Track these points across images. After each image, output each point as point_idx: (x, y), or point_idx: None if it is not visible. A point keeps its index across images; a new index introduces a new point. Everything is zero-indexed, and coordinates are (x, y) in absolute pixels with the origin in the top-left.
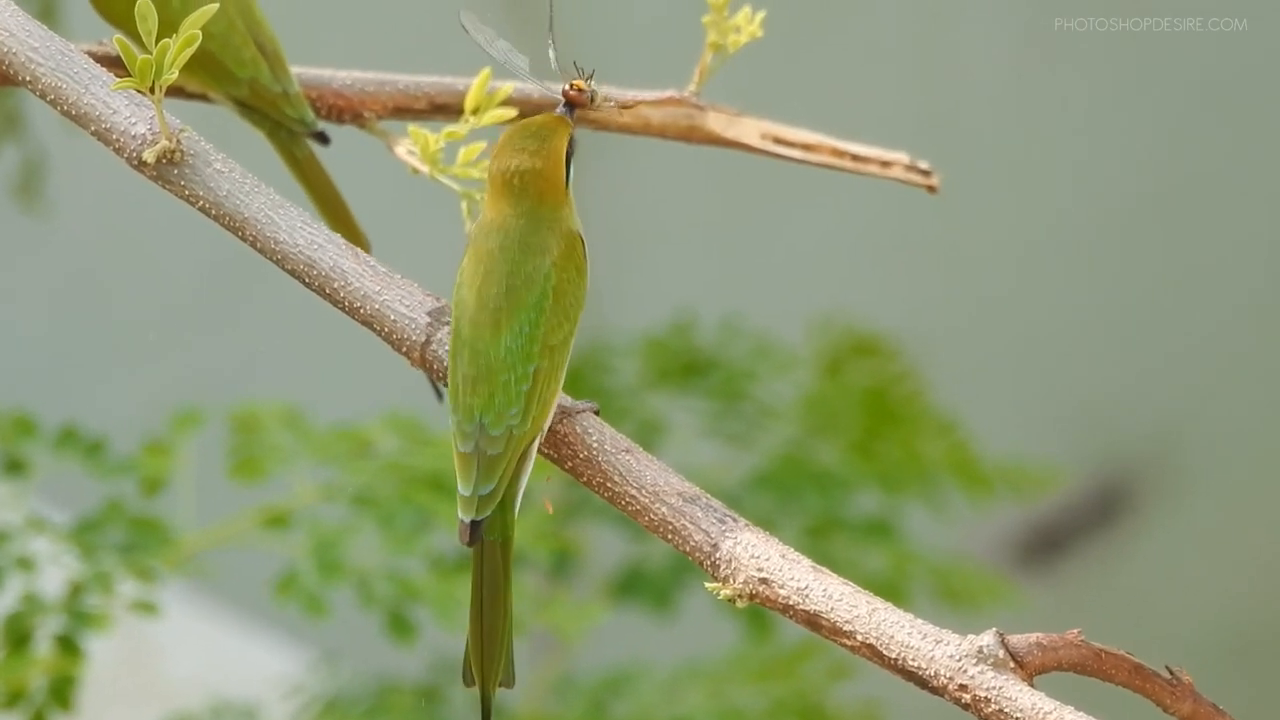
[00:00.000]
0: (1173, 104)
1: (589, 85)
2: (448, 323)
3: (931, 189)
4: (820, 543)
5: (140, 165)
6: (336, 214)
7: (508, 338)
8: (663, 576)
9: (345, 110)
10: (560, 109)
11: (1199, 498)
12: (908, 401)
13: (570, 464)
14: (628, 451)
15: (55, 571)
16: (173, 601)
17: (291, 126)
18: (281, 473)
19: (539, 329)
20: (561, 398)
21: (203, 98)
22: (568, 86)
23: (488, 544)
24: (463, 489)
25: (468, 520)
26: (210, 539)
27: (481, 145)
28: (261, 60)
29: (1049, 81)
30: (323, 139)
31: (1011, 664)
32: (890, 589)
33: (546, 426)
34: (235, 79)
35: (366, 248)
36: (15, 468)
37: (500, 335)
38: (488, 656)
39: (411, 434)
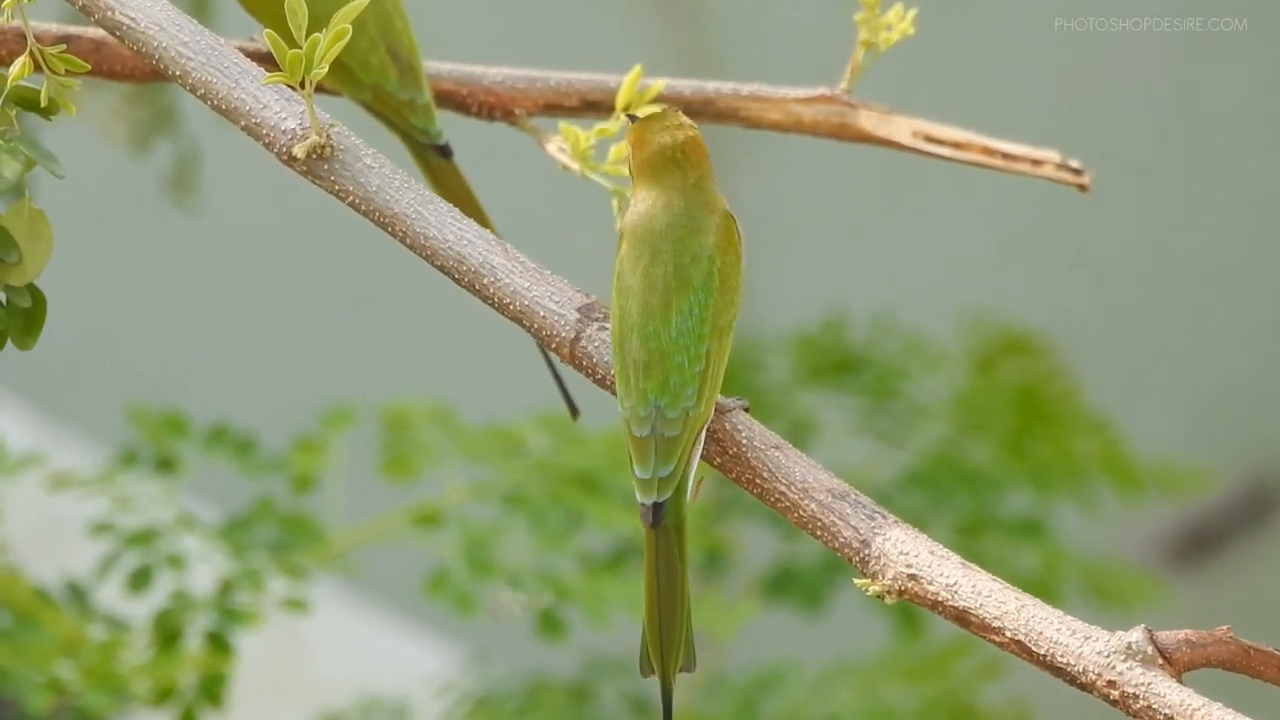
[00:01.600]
0: None
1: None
2: (598, 319)
3: (1083, 188)
4: (971, 541)
5: (290, 160)
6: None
7: (678, 319)
8: (813, 575)
9: (496, 107)
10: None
11: None
12: (1059, 400)
13: (719, 460)
14: (777, 448)
15: (205, 569)
16: (323, 599)
17: (415, 136)
18: (432, 471)
19: (708, 309)
20: None
21: (338, 95)
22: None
23: (664, 528)
24: (641, 472)
25: (649, 503)
26: (360, 537)
27: None
28: (390, 67)
29: (1200, 78)
30: (445, 152)
31: (1160, 660)
32: (1041, 588)
33: (713, 411)
34: (360, 82)
35: None
36: (166, 465)
37: (671, 316)
38: (667, 642)
39: (562, 432)
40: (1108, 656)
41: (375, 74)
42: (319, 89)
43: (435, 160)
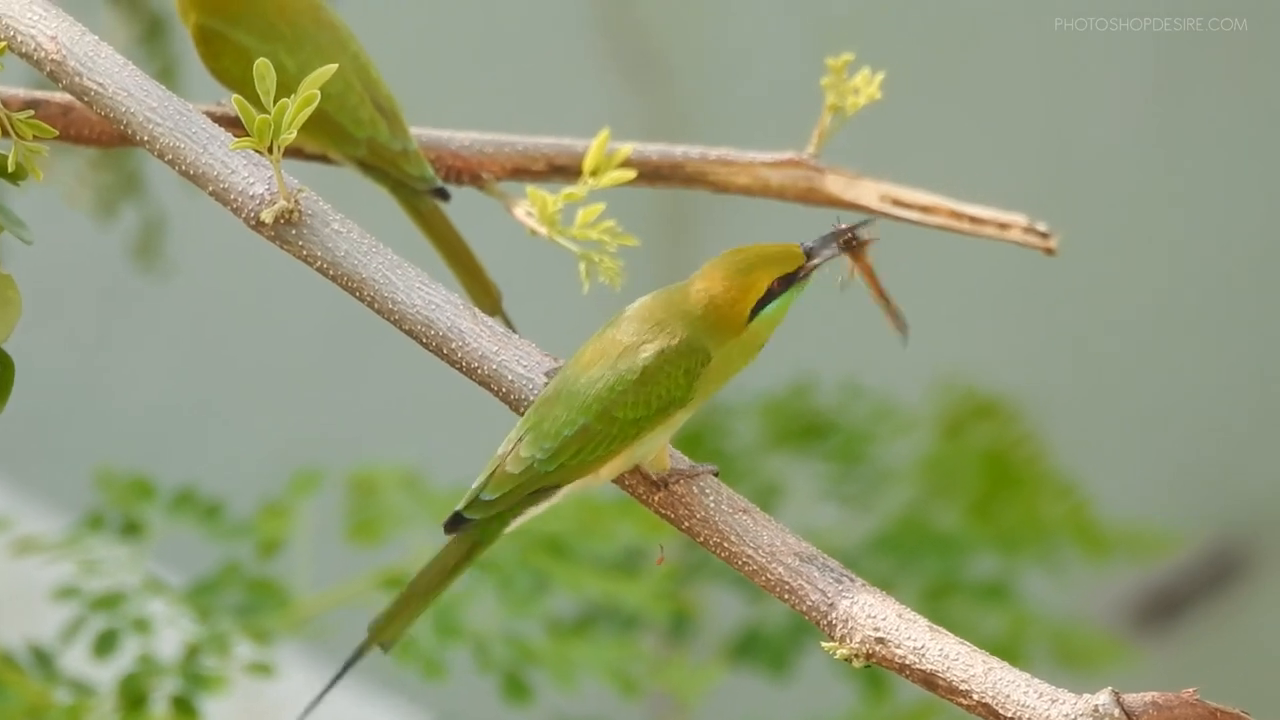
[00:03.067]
0: None
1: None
2: None
3: (1049, 251)
4: (938, 605)
5: (258, 225)
6: (466, 266)
7: (583, 383)
8: (780, 638)
9: (464, 171)
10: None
11: None
12: (1027, 464)
13: (687, 524)
14: (745, 512)
15: (172, 633)
16: (289, 663)
17: (412, 184)
18: (399, 534)
19: (610, 393)
20: (680, 459)
21: (323, 158)
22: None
23: (459, 541)
24: (475, 481)
25: (458, 509)
26: (328, 601)
27: (600, 206)
28: (380, 119)
29: (1173, 138)
30: (443, 195)
31: None
32: (1008, 651)
33: (576, 485)
34: (353, 139)
35: (497, 298)
36: (133, 530)
37: (580, 378)
38: (389, 617)
39: None
40: (1075, 719)
41: (368, 128)
42: (305, 154)
43: (428, 209)
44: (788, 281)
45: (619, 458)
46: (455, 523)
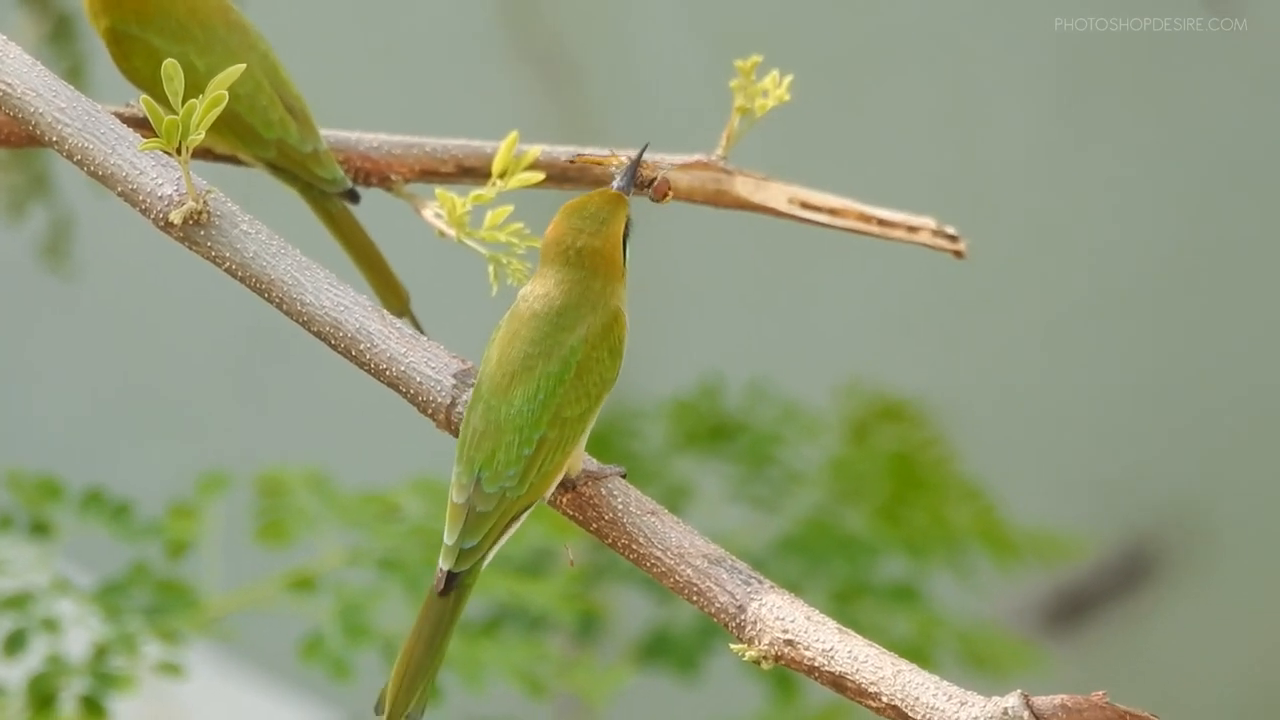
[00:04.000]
0: (1200, 175)
1: (669, 188)
2: (473, 384)
3: (959, 254)
4: (847, 607)
5: (167, 226)
6: (375, 268)
7: (520, 401)
8: (689, 640)
9: (372, 173)
10: (617, 183)
11: (1223, 565)
12: (935, 467)
13: (596, 526)
14: (653, 514)
15: (80, 633)
16: (198, 664)
17: (321, 186)
18: (308, 536)
19: (553, 398)
20: (588, 461)
21: (232, 159)
22: (642, 165)
23: (446, 596)
24: (447, 538)
25: (445, 569)
26: (236, 602)
27: (509, 208)
28: (290, 120)
29: (1078, 146)
30: (353, 197)
31: None
32: (916, 654)
33: (546, 496)
34: (263, 140)
35: (405, 300)
36: (41, 530)
37: (512, 398)
38: (405, 691)
39: (438, 497)
40: None
41: (278, 129)
42: (214, 154)
43: (338, 210)
44: (629, 221)
45: (570, 459)
46: (450, 583)
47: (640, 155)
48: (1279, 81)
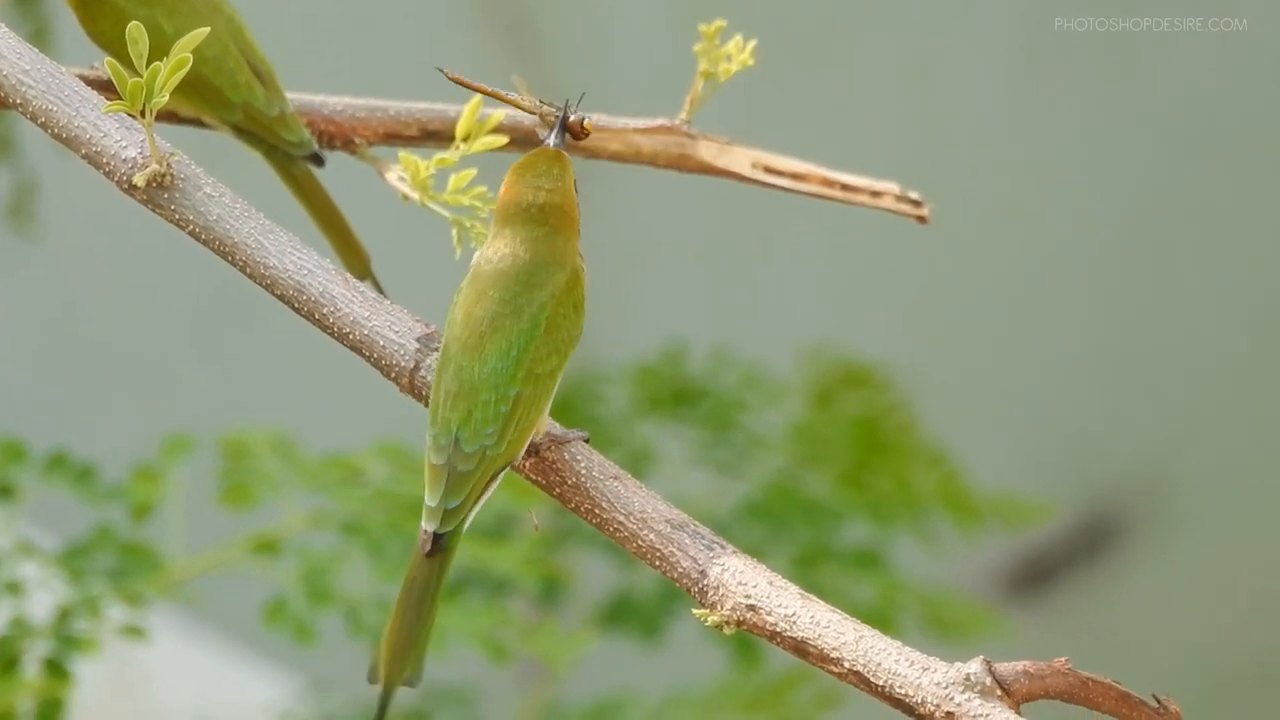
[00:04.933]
0: (1165, 137)
1: (586, 117)
2: (436, 349)
3: (922, 219)
4: (810, 572)
5: (130, 189)
6: (337, 231)
7: (493, 359)
8: (651, 605)
9: (336, 136)
10: (552, 140)
11: (1186, 531)
12: (898, 432)
13: (559, 490)
14: (616, 478)
15: (44, 596)
16: (162, 627)
17: (287, 150)
18: (271, 500)
19: (526, 354)
20: (551, 425)
21: (197, 122)
22: (569, 117)
23: (432, 556)
24: (429, 500)
25: (430, 530)
26: (200, 565)
27: (472, 172)
28: (256, 84)
29: (1041, 113)
30: (318, 160)
31: (999, 691)
32: (879, 619)
33: (521, 454)
34: (229, 103)
35: (366, 263)
36: (4, 492)
37: (485, 356)
38: (398, 656)
39: (401, 461)
40: (946, 688)
41: (244, 92)
42: (179, 118)
43: (302, 173)
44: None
45: (542, 416)
46: (435, 544)
47: (565, 110)
48: (1249, 47)
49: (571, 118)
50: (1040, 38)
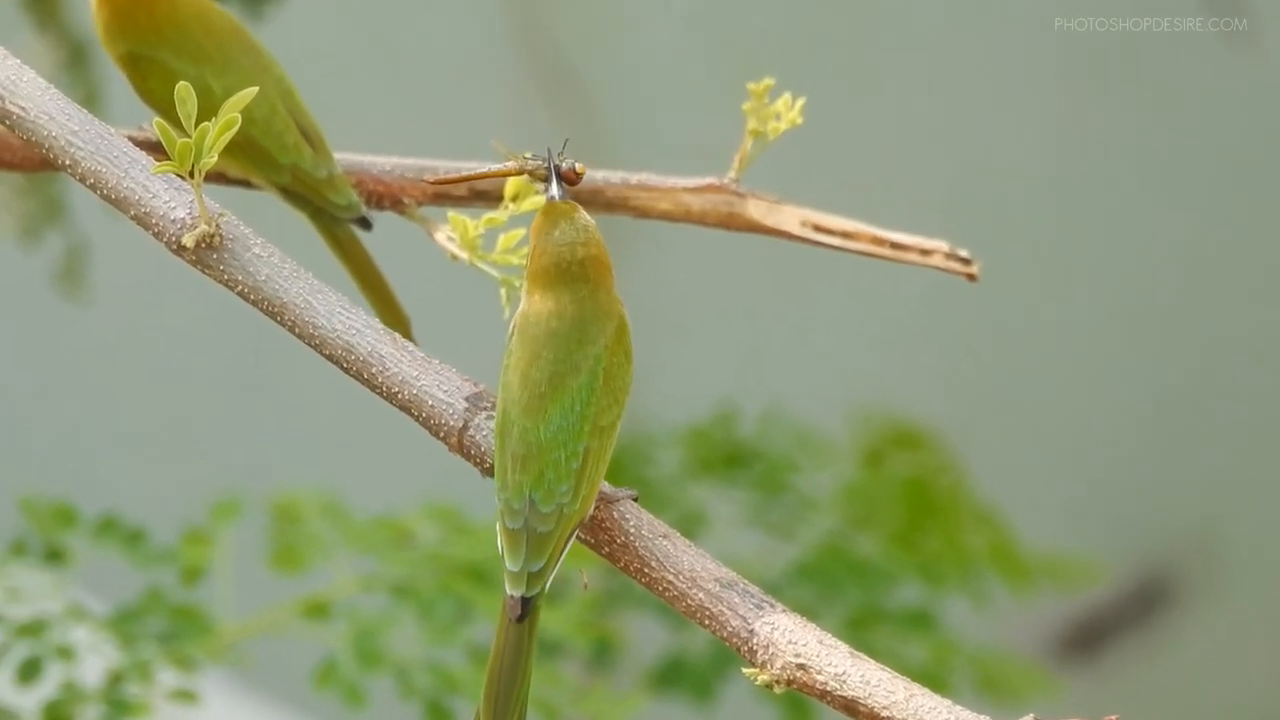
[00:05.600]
0: (1216, 189)
1: (575, 163)
2: (485, 408)
3: (972, 277)
4: (861, 633)
5: (180, 249)
6: (379, 295)
7: (557, 418)
8: (703, 666)
9: (385, 196)
10: (555, 193)
11: (1239, 592)
12: (948, 493)
13: (608, 549)
14: (665, 537)
15: (95, 660)
16: (213, 691)
17: (334, 212)
18: (321, 562)
19: (590, 409)
20: (601, 484)
21: (245, 183)
22: (560, 166)
23: (520, 621)
24: (511, 565)
25: (518, 596)
26: (250, 628)
27: (521, 232)
28: (304, 145)
29: (1090, 166)
30: (365, 224)
31: None
32: (931, 679)
33: (592, 509)
34: (277, 164)
35: (407, 328)
36: (55, 556)
37: (548, 416)
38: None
39: (451, 523)
40: None
41: (292, 153)
42: (227, 179)
43: (345, 235)
44: None
45: (605, 467)
46: (524, 608)
47: (556, 160)
48: (1253, 4)
49: (563, 167)
50: (1081, 85)
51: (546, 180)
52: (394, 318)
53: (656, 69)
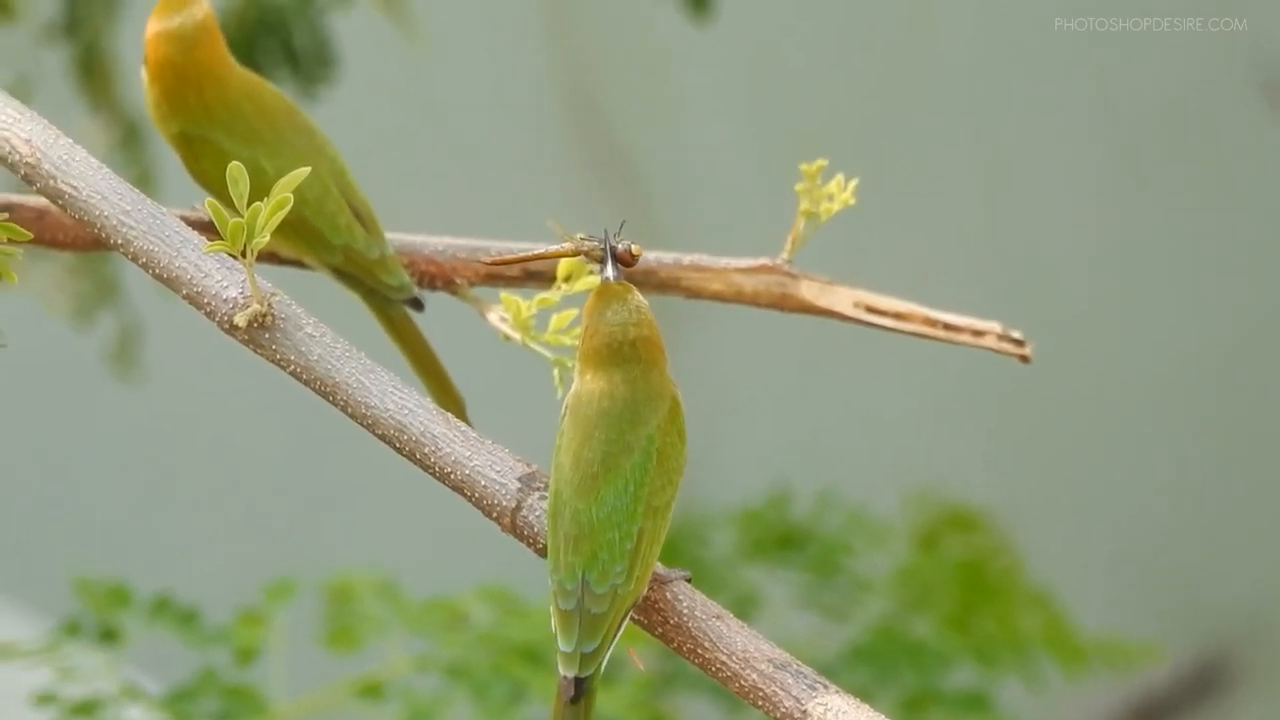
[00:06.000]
0: (1259, 269)
1: (631, 244)
2: (538, 488)
3: (1025, 359)
4: (916, 715)
5: (232, 329)
6: (434, 376)
7: (610, 498)
8: None
9: (437, 276)
10: (610, 274)
11: None
12: (1003, 575)
13: (661, 630)
14: (718, 618)
15: None
16: None
17: (387, 293)
18: (375, 643)
19: (643, 489)
20: (654, 565)
21: (298, 263)
22: (616, 247)
23: (576, 703)
24: (564, 646)
25: (571, 677)
26: (304, 708)
27: (573, 313)
28: (356, 225)
29: (1139, 244)
30: (417, 305)
31: None
32: None
33: (646, 589)
34: (330, 245)
35: (461, 408)
36: (109, 636)
37: (601, 497)
38: None
39: (505, 605)
40: None
41: (344, 234)
42: (280, 258)
43: (399, 315)
44: None
45: (659, 548)
46: (578, 689)
47: (612, 241)
48: (1254, 4)
49: (619, 248)
50: (1134, 169)
51: (602, 261)
52: (449, 399)
53: (709, 151)
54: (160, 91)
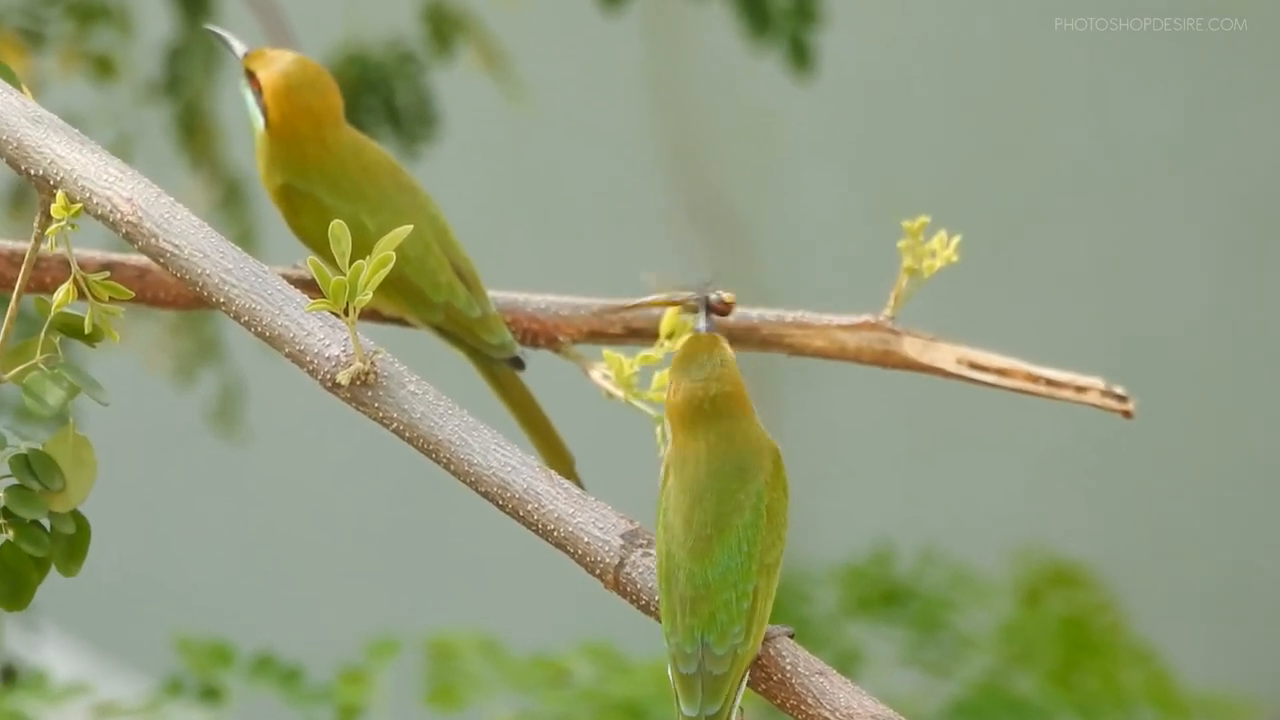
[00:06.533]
0: None
1: (725, 294)
2: (642, 545)
3: (1128, 414)
4: None
5: (334, 387)
6: (541, 434)
7: (723, 558)
8: None
9: (540, 334)
10: (702, 325)
11: None
12: (1106, 631)
13: (764, 686)
14: (821, 674)
15: None
16: None
17: (488, 351)
18: (478, 701)
19: (756, 547)
20: None
21: (400, 321)
22: (711, 299)
23: None
24: (688, 710)
25: None
26: None
27: None
28: (458, 284)
29: (1245, 304)
30: (519, 364)
31: None
32: None
33: (760, 645)
34: (431, 303)
35: (570, 464)
36: (211, 695)
37: (715, 558)
38: None
39: (607, 662)
40: None
41: (445, 292)
42: (381, 316)
43: (505, 372)
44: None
45: (771, 603)
46: None
47: (706, 292)
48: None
49: (712, 298)
50: (1241, 221)
51: (696, 312)
52: (558, 457)
53: (812, 208)
54: (276, 142)
